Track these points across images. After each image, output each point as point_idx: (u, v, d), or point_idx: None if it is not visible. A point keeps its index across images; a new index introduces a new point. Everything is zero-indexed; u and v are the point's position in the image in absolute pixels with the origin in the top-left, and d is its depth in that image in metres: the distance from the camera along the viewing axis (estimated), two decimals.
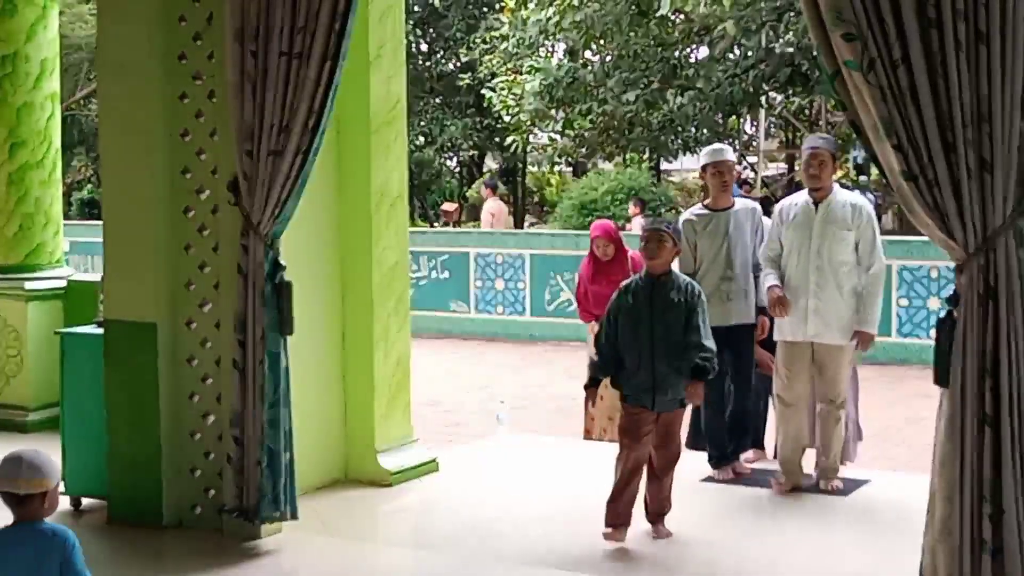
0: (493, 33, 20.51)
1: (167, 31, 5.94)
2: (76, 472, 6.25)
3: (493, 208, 17.24)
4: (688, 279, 5.71)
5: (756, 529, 5.95)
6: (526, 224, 26.16)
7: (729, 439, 6.80)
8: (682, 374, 5.48)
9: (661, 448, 5.64)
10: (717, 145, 7.35)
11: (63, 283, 8.52)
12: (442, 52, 24.90)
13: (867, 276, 6.39)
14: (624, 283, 5.74)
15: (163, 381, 5.96)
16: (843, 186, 7.57)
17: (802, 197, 6.52)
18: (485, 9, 23.67)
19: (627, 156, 20.73)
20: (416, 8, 23.80)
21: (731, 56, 17.37)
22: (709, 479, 6.73)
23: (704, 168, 6.96)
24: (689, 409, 6.05)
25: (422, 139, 24.06)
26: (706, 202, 6.96)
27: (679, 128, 18.14)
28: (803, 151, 6.61)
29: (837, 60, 4.45)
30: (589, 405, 7.75)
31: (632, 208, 16.92)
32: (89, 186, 27.45)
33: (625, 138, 18.71)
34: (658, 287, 5.57)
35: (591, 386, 5.96)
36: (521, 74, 18.93)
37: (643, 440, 5.58)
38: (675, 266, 6.91)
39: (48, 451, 3.75)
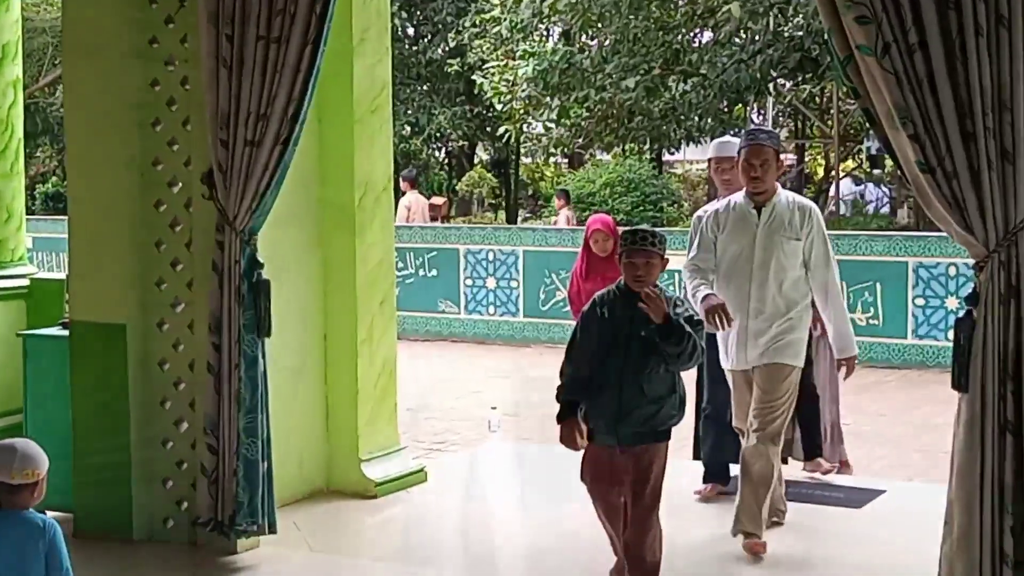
0: (484, 16, 20.50)
1: (137, 13, 5.93)
2: None
3: (409, 201, 17.16)
4: (673, 293, 5.14)
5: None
6: (519, 219, 26.16)
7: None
8: (658, 401, 4.93)
9: (634, 494, 4.99)
10: (727, 138, 7.23)
11: (26, 282, 8.49)
12: (430, 36, 24.87)
13: (828, 296, 5.73)
14: (599, 293, 5.18)
15: (133, 386, 5.95)
16: (855, 180, 7.46)
17: (738, 198, 5.88)
18: None
19: (626, 147, 20.73)
20: None
21: (737, 40, 17.39)
22: (697, 492, 6.65)
23: (718, 162, 6.84)
24: (691, 419, 6.00)
25: (409, 129, 24.05)
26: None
27: (682, 117, 18.15)
28: (741, 149, 5.82)
29: (850, 44, 4.45)
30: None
31: (557, 201, 16.97)
32: (54, 179, 27.42)
33: (624, 127, 18.72)
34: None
35: (568, 415, 5.00)
36: (514, 60, 18.93)
37: (614, 485, 5.03)
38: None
39: None
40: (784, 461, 6.83)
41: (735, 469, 6.65)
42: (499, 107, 19.69)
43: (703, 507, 6.50)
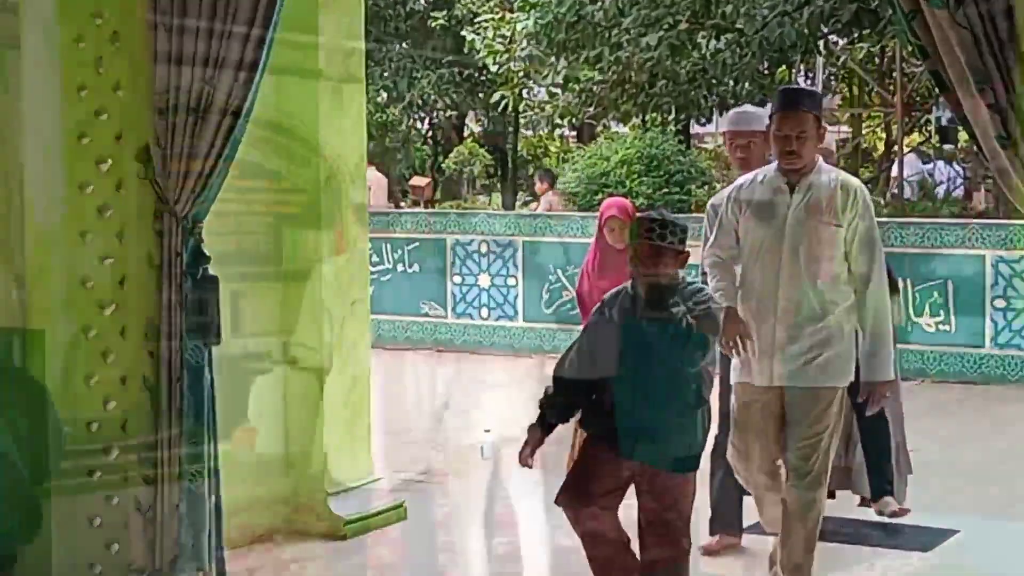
0: None
1: None
2: None
3: (368, 180, 17.22)
4: (697, 285, 5.25)
5: None
6: (518, 203, 26.18)
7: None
8: (683, 414, 5.04)
9: (653, 535, 5.06)
10: (747, 107, 7.23)
11: None
12: None
13: (868, 296, 5.53)
14: (609, 293, 5.28)
15: (53, 404, 5.95)
16: (923, 158, 7.38)
17: (768, 173, 5.70)
18: None
19: (647, 116, 20.72)
20: None
21: None
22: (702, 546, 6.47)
23: (733, 137, 6.80)
24: (709, 441, 5.92)
25: (385, 95, 24.07)
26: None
27: (713, 81, 18.14)
28: (773, 114, 5.65)
29: None
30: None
31: (539, 184, 16.98)
32: None
33: (645, 93, 18.71)
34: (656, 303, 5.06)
35: (537, 426, 5.35)
36: (511, 11, 18.93)
37: (611, 496, 5.10)
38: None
39: None
40: (831, 495, 6.79)
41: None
42: (494, 69, 19.69)
43: (713, 563, 6.42)
